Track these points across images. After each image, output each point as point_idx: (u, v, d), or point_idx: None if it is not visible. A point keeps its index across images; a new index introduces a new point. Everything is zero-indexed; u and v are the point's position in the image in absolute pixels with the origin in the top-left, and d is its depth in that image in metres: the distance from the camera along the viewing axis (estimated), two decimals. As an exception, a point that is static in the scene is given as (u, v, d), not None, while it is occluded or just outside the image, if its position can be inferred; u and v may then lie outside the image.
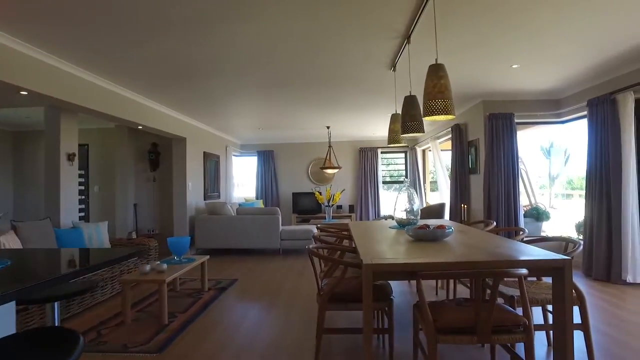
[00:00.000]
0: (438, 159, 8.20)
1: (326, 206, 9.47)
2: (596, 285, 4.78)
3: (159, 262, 4.00)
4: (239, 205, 9.88)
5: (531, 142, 10.95)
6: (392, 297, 2.61)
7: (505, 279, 2.34)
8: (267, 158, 11.74)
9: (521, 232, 3.45)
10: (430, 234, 2.87)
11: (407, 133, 3.44)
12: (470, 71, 4.79)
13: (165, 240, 5.40)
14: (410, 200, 3.92)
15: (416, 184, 10.99)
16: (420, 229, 2.94)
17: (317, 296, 2.71)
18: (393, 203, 4.07)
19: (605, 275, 4.86)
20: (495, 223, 4.15)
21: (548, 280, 2.34)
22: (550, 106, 6.19)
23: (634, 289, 4.57)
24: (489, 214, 6.02)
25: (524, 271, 1.92)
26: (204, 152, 8.74)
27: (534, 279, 3.06)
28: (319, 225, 4.39)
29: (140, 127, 6.25)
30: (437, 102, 2.46)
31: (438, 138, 8.68)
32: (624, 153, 4.70)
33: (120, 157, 7.92)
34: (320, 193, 9.59)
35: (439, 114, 2.47)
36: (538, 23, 3.38)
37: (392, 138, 4.26)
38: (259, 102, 6.39)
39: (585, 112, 5.36)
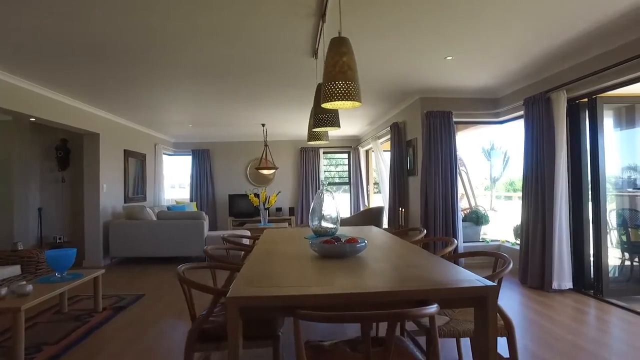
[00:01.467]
0: (381, 160, 7.81)
1: (261, 209, 8.83)
2: (530, 294, 4.50)
3: (23, 283, 3.23)
4: (168, 208, 9.07)
5: (473, 144, 10.89)
6: (280, 332, 2.06)
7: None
8: (203, 158, 10.95)
9: (450, 244, 3.03)
10: (337, 249, 2.36)
11: (320, 127, 2.92)
12: (402, 61, 4.37)
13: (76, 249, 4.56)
14: (328, 205, 3.41)
15: (358, 186, 10.61)
16: (326, 243, 2.42)
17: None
18: (310, 208, 3.55)
19: (539, 283, 4.60)
20: (425, 231, 3.73)
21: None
22: (489, 105, 5.94)
23: (563, 296, 4.33)
24: (426, 218, 5.66)
25: (433, 309, 1.43)
26: (125, 150, 7.87)
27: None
28: (223, 235, 3.79)
29: (32, 119, 5.36)
30: (337, 86, 1.94)
31: (379, 138, 8.31)
32: (556, 154, 4.46)
33: (19, 154, 6.91)
34: (256, 195, 8.94)
35: (340, 99, 1.95)
36: (467, 10, 2.98)
37: (311, 135, 3.74)
38: (184, 95, 5.69)
39: (522, 112, 5.11)
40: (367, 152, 10.61)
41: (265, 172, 9.08)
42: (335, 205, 3.50)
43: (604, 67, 3.84)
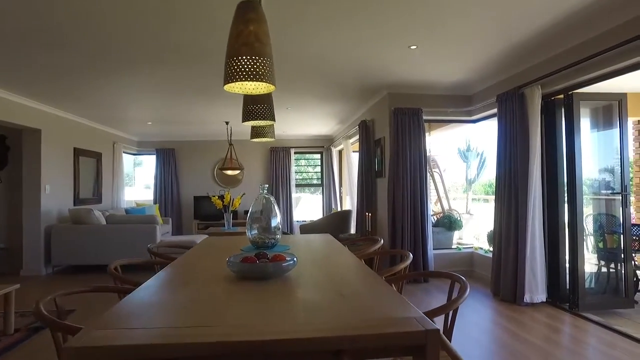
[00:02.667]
0: (348, 161, 7.38)
1: (225, 212, 8.30)
2: (501, 308, 4.11)
3: None
4: (126, 211, 8.47)
5: (448, 144, 10.57)
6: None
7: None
8: (168, 157, 10.36)
9: (405, 258, 2.60)
10: (257, 270, 1.90)
11: (250, 120, 2.45)
12: (364, 52, 3.94)
13: (11, 258, 4.00)
14: (267, 211, 2.94)
15: (331, 188, 10.18)
16: (246, 261, 1.96)
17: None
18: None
19: (511, 296, 4.22)
20: (381, 242, 3.30)
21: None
22: (461, 103, 5.57)
23: (536, 311, 3.95)
24: (393, 224, 5.24)
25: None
26: (76, 149, 7.25)
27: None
28: (149, 246, 3.29)
29: (-48, 111, 4.74)
30: (241, 62, 1.47)
31: (350, 137, 7.89)
32: (530, 154, 4.09)
33: (-51, 151, 6.24)
34: (220, 197, 8.41)
35: (246, 79, 1.47)
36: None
37: (252, 131, 3.28)
38: (138, 88, 5.14)
39: (495, 110, 4.74)
40: (340, 152, 10.19)
41: (229, 172, 8.54)
42: (277, 211, 3.04)
43: (580, 59, 3.48)
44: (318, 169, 11.05)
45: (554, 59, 3.90)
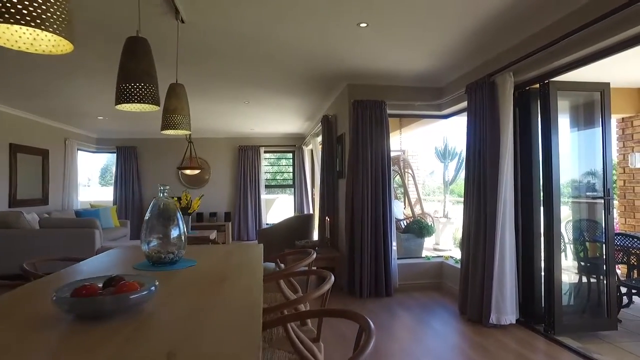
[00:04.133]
0: (310, 160, 6.80)
1: (183, 215, 7.65)
2: (466, 330, 3.56)
3: None
4: (77, 214, 7.78)
5: (426, 143, 10.06)
6: None
7: None
8: (129, 156, 9.69)
9: (326, 281, 2.02)
10: (89, 305, 1.30)
11: (124, 103, 1.85)
12: (310, 30, 3.36)
13: None
14: (166, 219, 2.35)
15: (302, 190, 9.59)
16: (79, 293, 1.36)
17: None
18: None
19: (478, 315, 3.66)
20: (314, 256, 2.71)
21: None
22: (431, 95, 5.01)
23: (505, 334, 3.40)
24: (352, 230, 4.67)
25: None
26: (12, 145, 6.56)
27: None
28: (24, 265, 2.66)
29: None
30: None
31: (317, 135, 7.32)
32: (501, 151, 3.54)
33: None
34: (177, 199, 7.76)
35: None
36: None
37: (162, 122, 2.69)
38: (75, 77, 4.48)
39: (467, 103, 4.19)
40: (312, 151, 9.61)
41: (188, 172, 7.91)
42: (179, 219, 2.45)
43: (555, 38, 2.93)
44: (291, 169, 10.46)
45: (528, 42, 3.36)
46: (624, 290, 3.82)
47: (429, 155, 10.40)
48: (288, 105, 6.43)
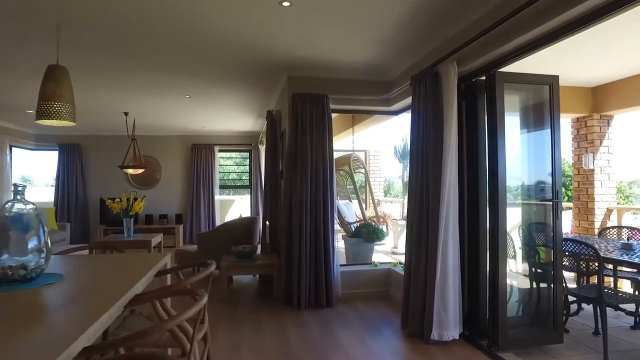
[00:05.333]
0: (256, 160, 6.37)
1: (125, 218, 7.07)
2: (406, 347, 3.21)
3: None
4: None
5: (381, 142, 9.76)
6: None
7: None
8: (72, 154, 9.02)
9: (198, 299, 1.60)
10: None
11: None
12: (230, 13, 2.93)
13: None
14: (19, 228, 1.91)
15: (258, 190, 9.13)
16: None
17: None
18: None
19: (419, 330, 3.32)
20: (214, 265, 2.29)
21: None
22: (379, 89, 4.66)
23: (446, 352, 3.07)
24: (289, 234, 4.27)
25: None
26: None
27: None
28: None
29: None
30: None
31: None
32: (445, 149, 3.21)
33: None
34: (116, 200, 7.16)
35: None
36: None
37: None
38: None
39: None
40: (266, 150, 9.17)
41: (131, 171, 7.36)
42: (42, 225, 2.01)
43: (500, 17, 2.60)
44: (247, 168, 9.99)
45: (472, 27, 3.02)
46: (573, 297, 3.55)
47: (385, 154, 10.13)
48: (234, 101, 5.99)
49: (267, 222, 5.04)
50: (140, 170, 7.43)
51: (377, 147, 10.04)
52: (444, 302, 3.17)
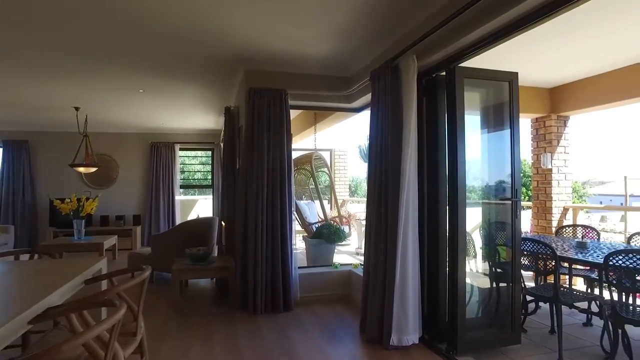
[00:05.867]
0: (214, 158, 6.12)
1: (75, 220, 6.65)
2: (363, 354, 3.08)
3: None
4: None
5: (346, 141, 9.68)
6: None
7: None
8: (19, 151, 8.46)
9: (115, 310, 1.40)
10: None
11: None
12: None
13: None
14: None
15: (220, 189, 8.84)
16: None
17: None
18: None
19: (378, 335, 3.20)
20: (149, 270, 2.07)
21: None
22: (340, 85, 4.53)
23: (405, 358, 2.96)
24: (245, 235, 4.06)
25: None
26: None
27: None
28: None
29: None
30: None
31: (229, 130, 6.62)
32: (404, 147, 3.10)
33: None
34: (66, 200, 6.72)
35: None
36: None
37: None
38: None
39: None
40: (230, 149, 8.90)
41: (82, 170, 6.94)
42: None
43: (457, 9, 2.51)
44: (209, 167, 9.68)
45: (432, 18, 2.92)
46: (531, 297, 3.53)
47: (350, 153, 10.04)
48: (191, 97, 5.72)
49: (223, 223, 4.81)
50: (93, 169, 7.03)
51: (342, 147, 9.95)
52: (403, 305, 3.06)
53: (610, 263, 2.64)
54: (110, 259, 7.05)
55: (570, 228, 4.67)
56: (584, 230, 4.52)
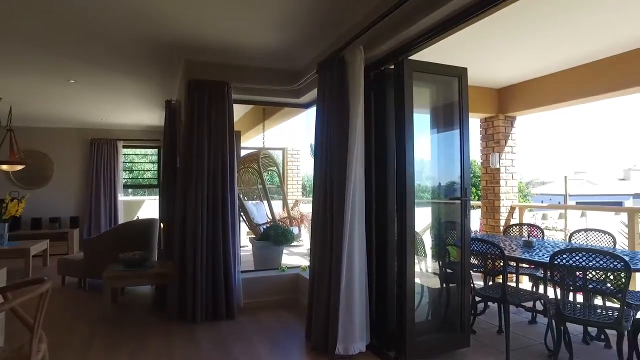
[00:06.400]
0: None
1: (-1, 222, 6.02)
2: (307, 363, 2.89)
3: None
4: None
5: (302, 140, 9.52)
6: None
7: None
8: (-63, 146, 7.56)
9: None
10: None
11: None
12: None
13: None
14: None
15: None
16: None
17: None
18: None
19: (323, 342, 3.01)
20: (49, 283, 1.77)
21: None
22: (287, 79, 4.31)
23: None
24: (183, 238, 3.76)
25: None
26: None
27: None
28: None
29: None
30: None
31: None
32: (350, 143, 2.93)
33: None
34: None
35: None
36: None
37: None
38: None
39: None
40: (178, 147, 8.45)
41: (5, 167, 6.30)
42: None
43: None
44: (155, 166, 9.18)
45: (380, 7, 2.77)
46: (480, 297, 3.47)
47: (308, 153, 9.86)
48: (130, 89, 5.30)
49: (162, 225, 4.47)
50: (19, 167, 6.41)
51: (295, 145, 9.74)
52: (349, 311, 2.89)
53: (555, 262, 2.59)
54: (39, 266, 6.45)
55: (517, 227, 4.71)
56: (529, 229, 4.57)
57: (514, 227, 4.67)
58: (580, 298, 3.48)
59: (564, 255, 2.57)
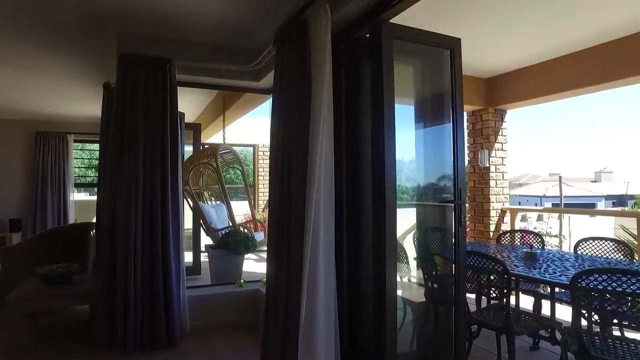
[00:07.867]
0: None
1: None
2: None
3: None
4: None
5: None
6: None
7: None
8: None
9: None
10: None
11: None
12: None
13: None
14: None
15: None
16: None
17: None
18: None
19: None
20: None
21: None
22: (244, 58, 3.60)
23: None
24: (113, 249, 3.05)
25: None
26: None
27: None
28: None
29: None
30: None
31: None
32: (312, 128, 2.27)
33: None
34: None
35: None
36: None
37: None
38: None
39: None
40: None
41: None
42: None
43: None
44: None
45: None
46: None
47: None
48: (65, 71, 4.54)
49: (92, 232, 3.74)
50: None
51: (268, 142, 9.06)
52: (312, 339, 2.23)
53: (586, 285, 1.98)
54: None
55: (509, 234, 4.12)
56: (522, 235, 3.99)
57: (507, 234, 4.08)
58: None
59: (593, 277, 1.96)
